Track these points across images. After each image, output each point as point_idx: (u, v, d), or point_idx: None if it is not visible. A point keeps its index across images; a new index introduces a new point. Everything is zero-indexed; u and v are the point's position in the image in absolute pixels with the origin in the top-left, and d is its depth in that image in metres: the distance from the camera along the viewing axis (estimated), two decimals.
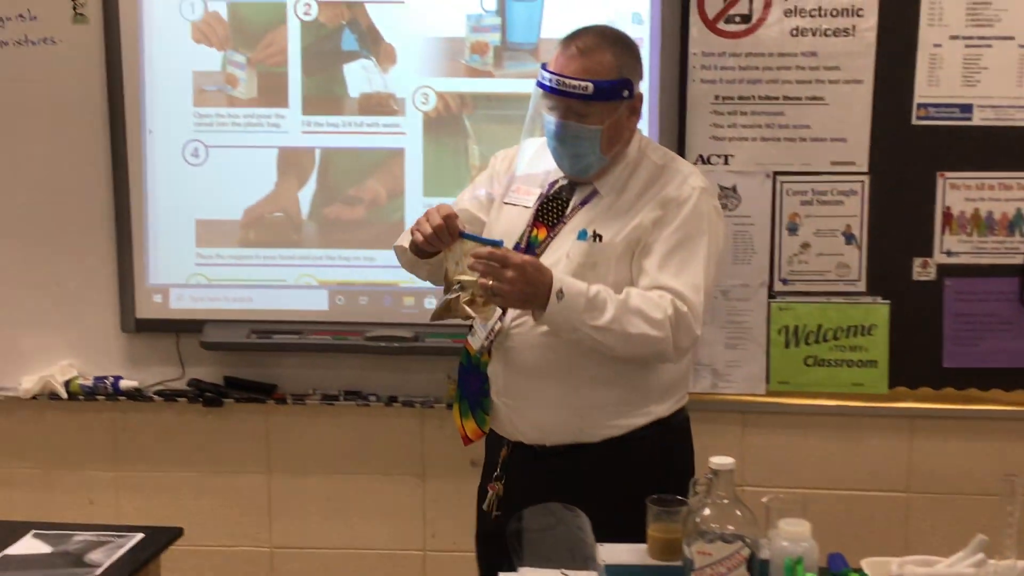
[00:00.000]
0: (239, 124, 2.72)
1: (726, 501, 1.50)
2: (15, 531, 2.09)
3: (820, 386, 2.75)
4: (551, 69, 1.95)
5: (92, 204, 2.77)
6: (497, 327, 2.01)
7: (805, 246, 2.70)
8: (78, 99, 2.73)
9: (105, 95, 2.71)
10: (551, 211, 2.05)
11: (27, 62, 2.72)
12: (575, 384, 1.99)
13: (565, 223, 2.02)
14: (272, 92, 2.70)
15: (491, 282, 1.82)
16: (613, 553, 1.66)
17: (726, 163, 2.68)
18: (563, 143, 1.98)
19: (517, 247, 2.00)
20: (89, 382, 2.84)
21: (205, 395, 2.85)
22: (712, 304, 2.71)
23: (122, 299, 2.80)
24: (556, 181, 2.07)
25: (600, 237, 1.97)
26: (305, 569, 2.97)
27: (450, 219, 1.92)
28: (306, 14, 2.67)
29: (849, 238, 2.69)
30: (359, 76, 2.69)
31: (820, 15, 2.61)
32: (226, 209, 2.75)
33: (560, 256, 1.98)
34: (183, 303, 2.79)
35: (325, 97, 2.70)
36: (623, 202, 2.01)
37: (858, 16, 2.61)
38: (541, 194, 2.08)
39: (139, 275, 2.78)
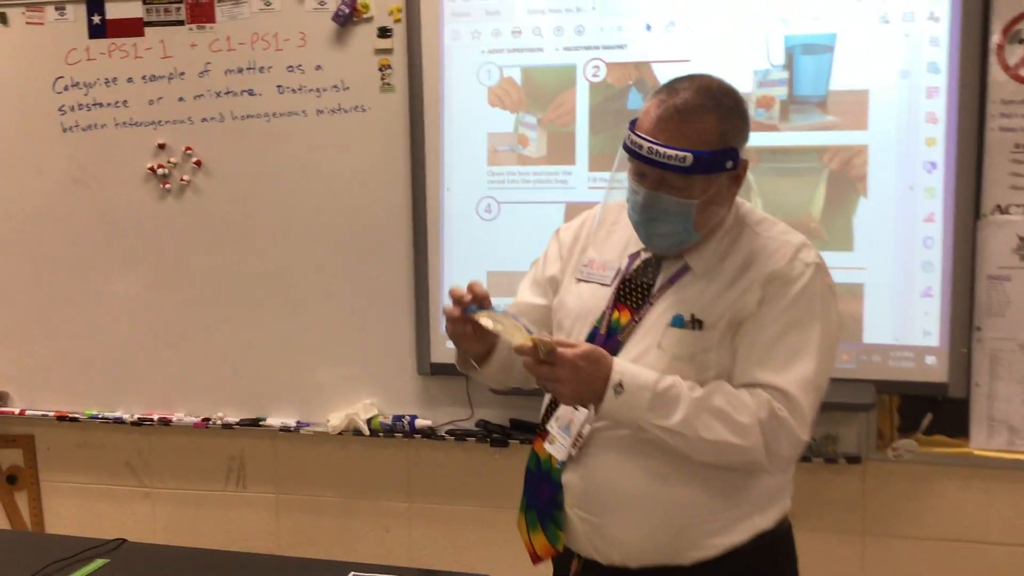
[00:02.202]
0: (528, 181, 2.71)
1: None
2: (335, 571, 2.00)
3: None
4: (641, 132, 1.57)
5: (394, 256, 2.82)
6: (586, 431, 1.66)
7: None
8: (385, 160, 2.79)
9: (408, 156, 2.76)
10: (634, 290, 1.68)
11: (341, 128, 2.81)
12: (667, 497, 1.62)
13: (652, 304, 1.65)
14: (560, 150, 2.67)
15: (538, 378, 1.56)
16: None
17: None
18: (650, 217, 1.61)
19: (595, 333, 1.67)
20: (388, 420, 2.88)
21: (492, 436, 2.84)
22: (1009, 357, 2.49)
23: (418, 344, 2.83)
24: (637, 254, 1.71)
25: (700, 324, 1.60)
26: None
27: (460, 298, 1.63)
28: (595, 76, 2.63)
29: None
30: None
31: None
32: (515, 261, 2.69)
33: (649, 345, 1.63)
34: None
35: (611, 154, 2.64)
36: (721, 279, 1.63)
37: None
38: (619, 270, 1.71)
39: (435, 322, 2.79)
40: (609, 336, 1.66)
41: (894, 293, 2.48)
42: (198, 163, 2.92)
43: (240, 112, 2.87)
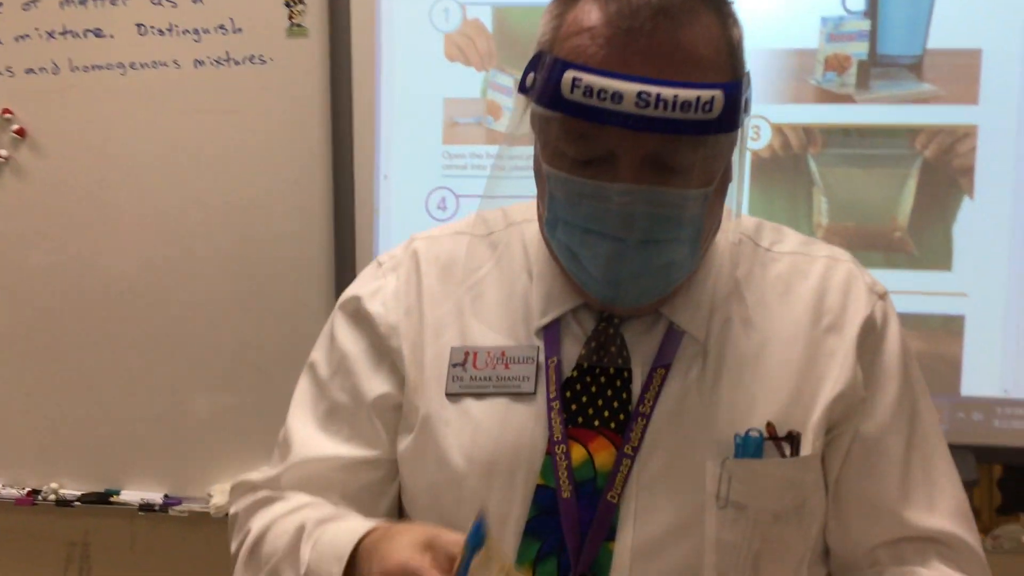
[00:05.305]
0: (502, 167, 1.92)
1: None
2: None
3: None
4: (596, 65, 0.83)
5: (308, 266, 2.02)
6: None
7: None
8: (294, 133, 1.98)
9: (328, 130, 1.95)
10: (596, 395, 0.94)
11: (229, 86, 1.99)
12: None
13: (647, 416, 0.91)
14: None
15: None
16: None
17: None
18: (643, 240, 0.87)
19: (547, 496, 0.91)
20: None
21: None
22: None
23: None
24: (555, 322, 0.98)
25: (795, 439, 0.91)
26: None
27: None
28: None
29: None
30: None
31: None
32: None
33: (689, 505, 0.90)
34: None
35: None
36: (769, 346, 0.95)
37: None
38: (536, 360, 0.96)
39: None
40: (584, 498, 0.89)
41: (1006, 329, 1.81)
42: (20, 132, 2.05)
43: (82, 61, 2.02)
